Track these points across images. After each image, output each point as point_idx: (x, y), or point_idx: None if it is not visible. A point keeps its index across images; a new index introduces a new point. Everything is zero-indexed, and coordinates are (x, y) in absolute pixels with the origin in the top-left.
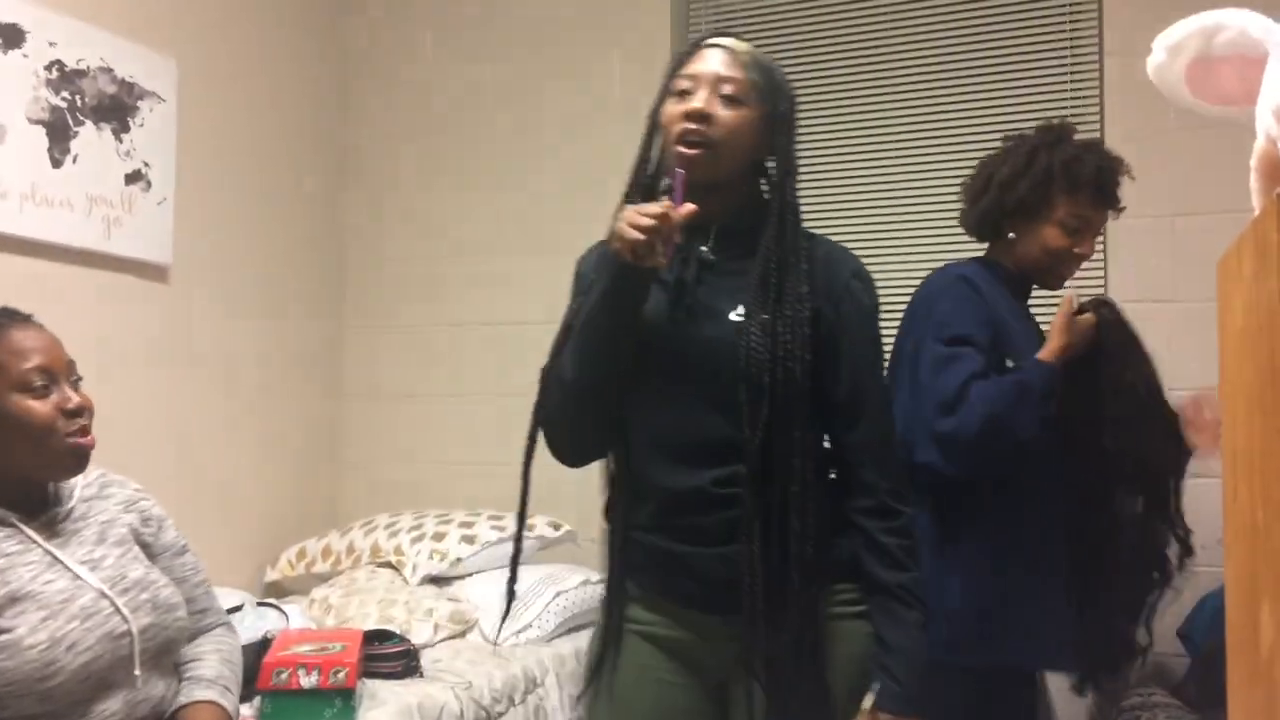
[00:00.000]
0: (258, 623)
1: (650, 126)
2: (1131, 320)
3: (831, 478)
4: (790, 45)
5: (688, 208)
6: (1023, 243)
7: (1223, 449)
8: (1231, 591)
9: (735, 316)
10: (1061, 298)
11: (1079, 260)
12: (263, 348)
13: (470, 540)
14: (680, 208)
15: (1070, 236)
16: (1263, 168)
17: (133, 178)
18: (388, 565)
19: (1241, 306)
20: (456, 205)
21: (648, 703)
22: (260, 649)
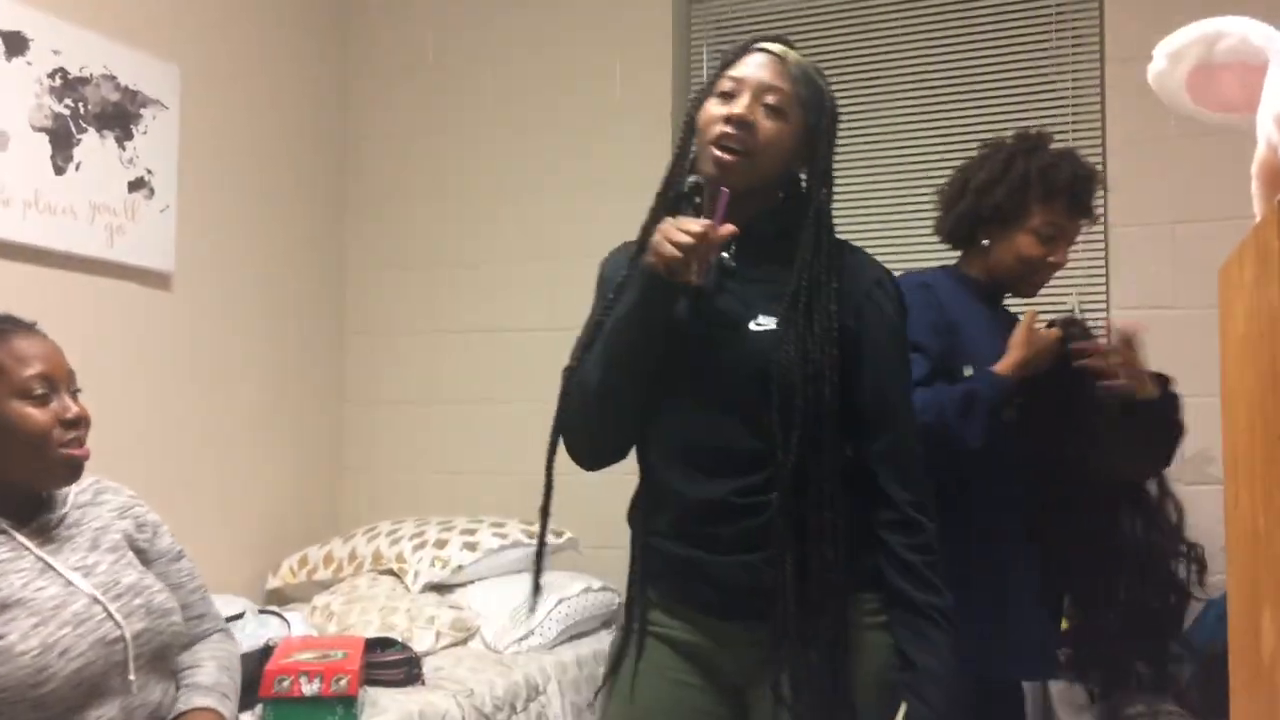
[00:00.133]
0: (259, 630)
1: (688, 123)
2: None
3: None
4: None
5: (728, 228)
6: (996, 250)
7: (1224, 456)
8: (1233, 598)
9: (755, 326)
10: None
11: (1052, 269)
12: (265, 354)
13: (472, 547)
14: (720, 228)
15: (1044, 245)
16: (1264, 175)
17: (135, 185)
18: (389, 572)
19: (1243, 313)
20: (458, 211)
21: (665, 703)
22: (262, 656)
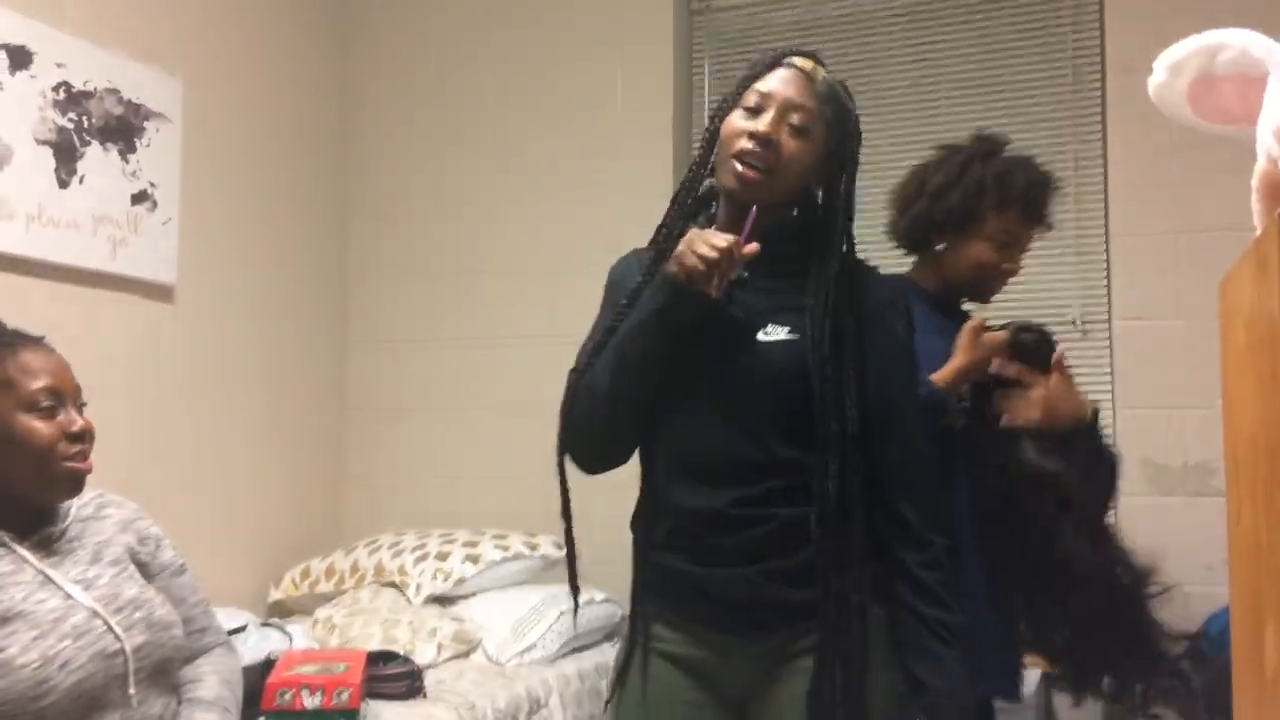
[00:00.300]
0: (261, 643)
1: (710, 133)
2: (1053, 351)
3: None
4: None
5: (752, 247)
6: (950, 255)
7: (1226, 467)
8: (1236, 611)
9: (764, 336)
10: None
11: (1006, 276)
12: (267, 365)
13: (474, 560)
14: (746, 245)
15: (999, 252)
16: (1264, 188)
17: (139, 198)
18: (391, 585)
19: (1243, 325)
20: (459, 222)
21: None
22: (264, 669)
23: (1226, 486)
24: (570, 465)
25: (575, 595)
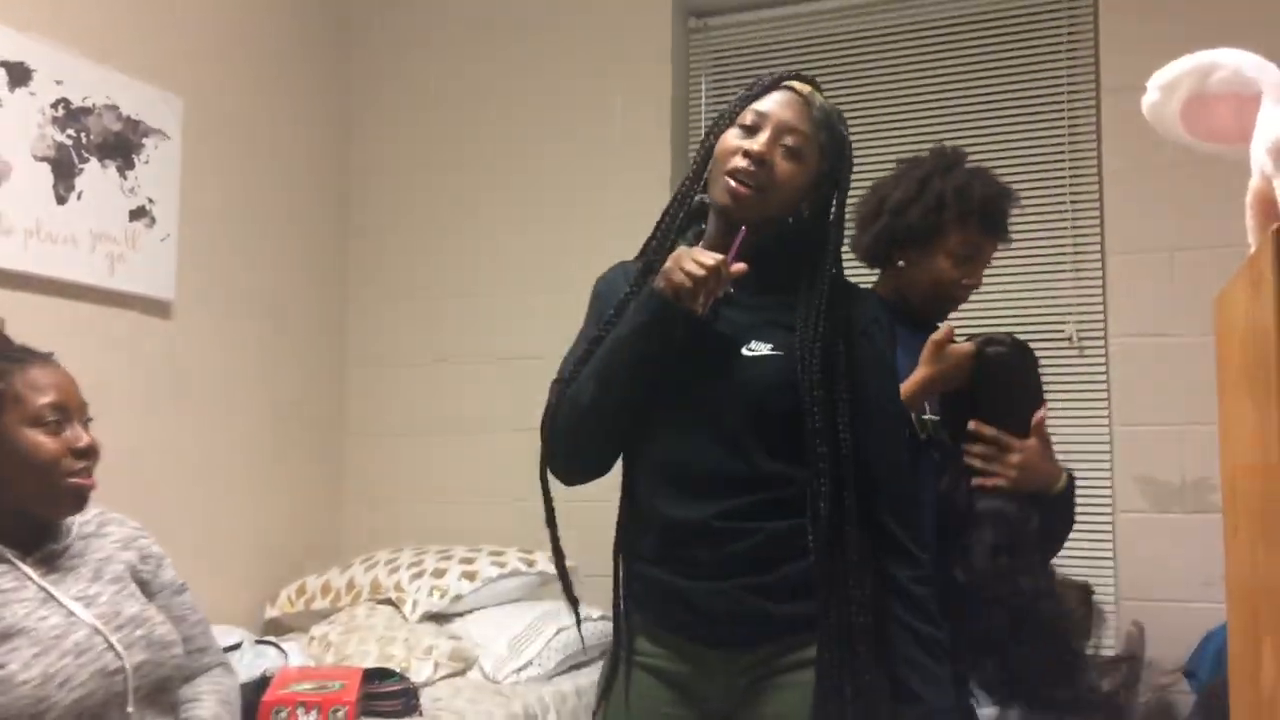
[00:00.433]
0: (256, 660)
1: (705, 149)
2: (1029, 364)
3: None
4: None
5: (740, 266)
6: (912, 270)
7: (1223, 484)
8: (1233, 628)
9: (748, 351)
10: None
11: (968, 291)
12: (264, 383)
13: (471, 577)
14: (734, 265)
15: (960, 266)
16: (1257, 205)
17: (137, 214)
18: (388, 602)
19: (1239, 342)
20: (459, 242)
21: None
22: (259, 687)
23: (1223, 503)
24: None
25: (574, 606)
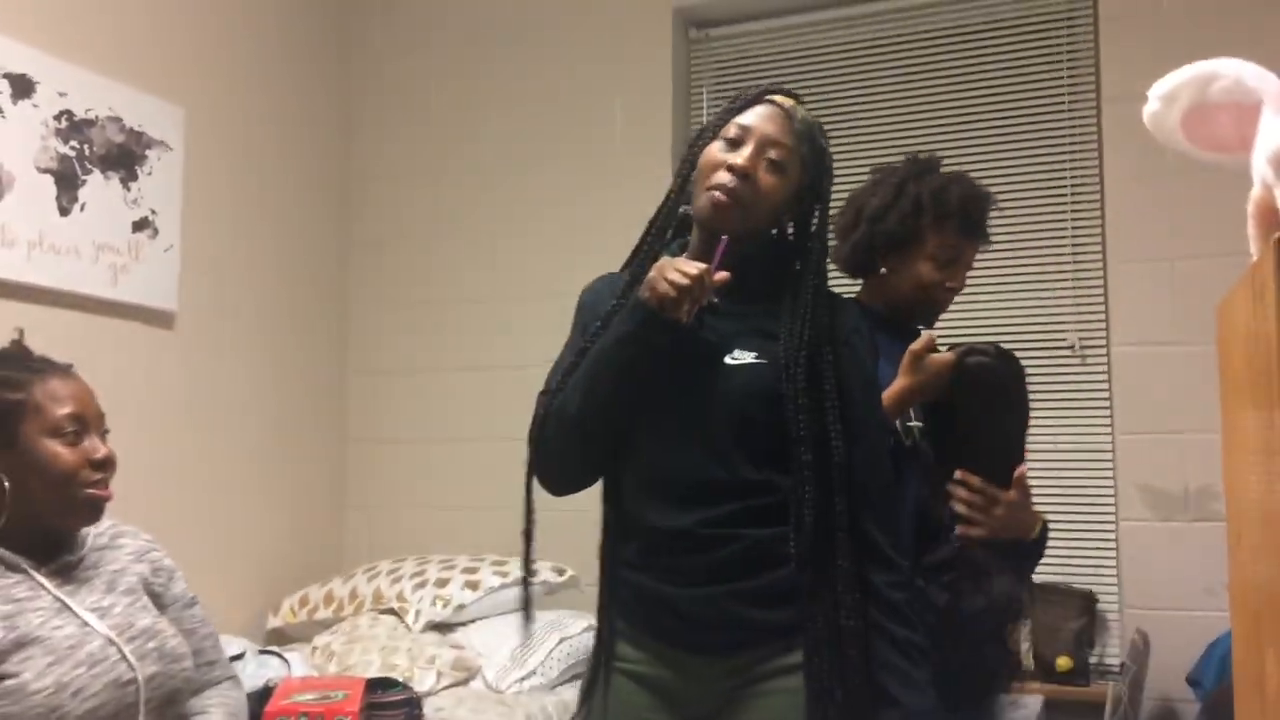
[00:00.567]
0: (259, 670)
1: (689, 161)
2: (1012, 376)
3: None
4: None
5: (723, 275)
6: (894, 277)
7: (1226, 492)
8: (1238, 636)
9: (731, 360)
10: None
11: (951, 294)
12: (267, 393)
13: (474, 586)
14: (717, 274)
15: (941, 270)
16: (1259, 214)
17: (140, 225)
18: (390, 612)
19: (1241, 350)
20: (460, 251)
21: None
22: (262, 697)
23: (1227, 511)
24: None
25: (528, 618)
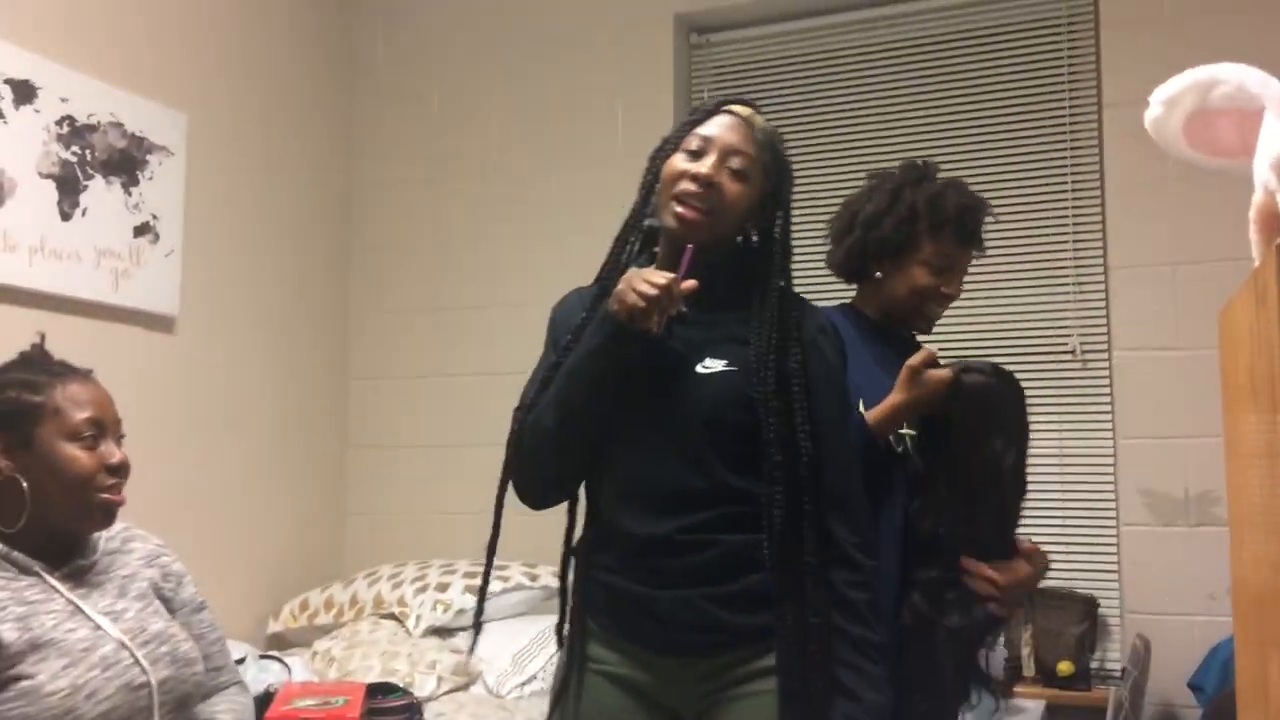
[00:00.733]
0: (260, 675)
1: (652, 175)
2: (1009, 396)
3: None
4: (791, 100)
5: (690, 283)
6: (889, 282)
7: (1229, 498)
8: (1240, 642)
9: (702, 369)
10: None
11: (946, 300)
12: (268, 398)
13: (474, 591)
14: (684, 282)
15: (937, 276)
16: (1261, 220)
17: (141, 230)
18: (391, 617)
19: (1243, 355)
20: (460, 256)
21: None
22: (262, 702)
23: (1229, 516)
24: (511, 501)
25: (476, 632)
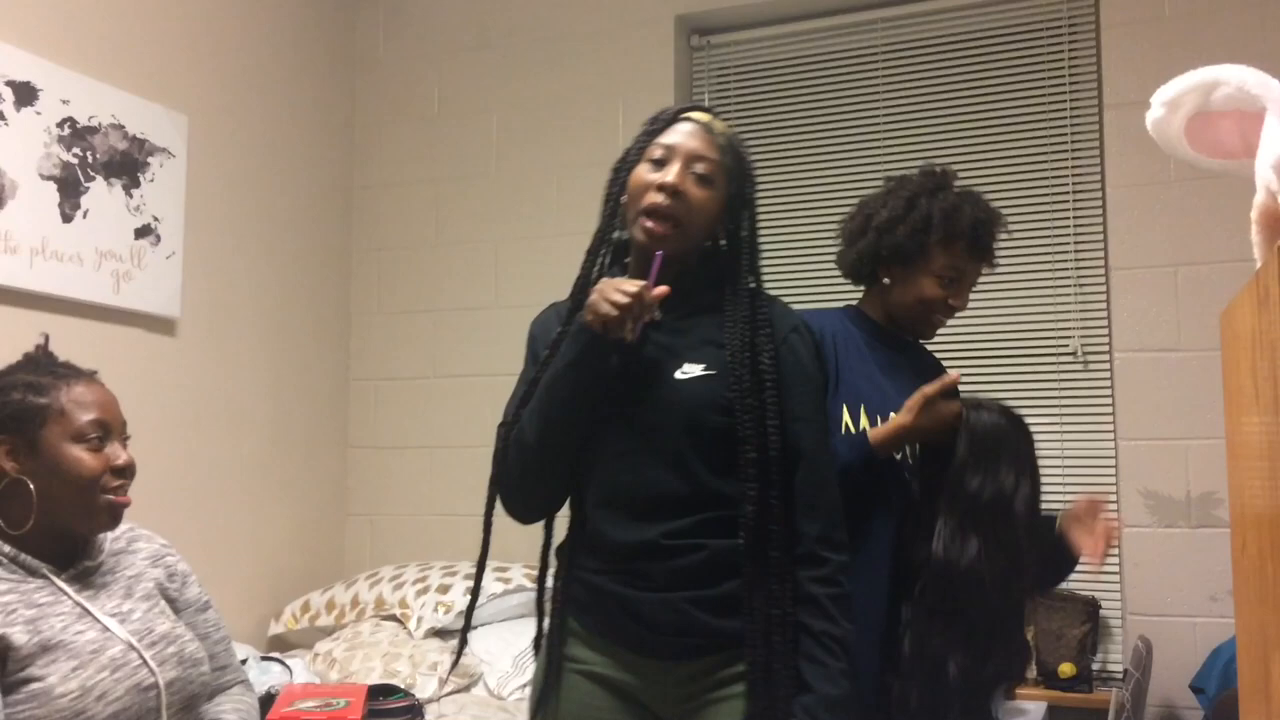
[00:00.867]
0: (261, 677)
1: (618, 184)
2: (1015, 438)
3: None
4: (792, 102)
5: (662, 290)
6: (897, 289)
7: (1231, 499)
8: (1242, 643)
9: (680, 374)
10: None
11: (952, 311)
12: (269, 399)
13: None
14: (655, 289)
15: (945, 288)
16: (1263, 221)
17: (142, 232)
18: (392, 618)
19: (1245, 357)
20: (461, 258)
21: None
22: (264, 704)
23: (1230, 518)
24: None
25: (461, 646)
